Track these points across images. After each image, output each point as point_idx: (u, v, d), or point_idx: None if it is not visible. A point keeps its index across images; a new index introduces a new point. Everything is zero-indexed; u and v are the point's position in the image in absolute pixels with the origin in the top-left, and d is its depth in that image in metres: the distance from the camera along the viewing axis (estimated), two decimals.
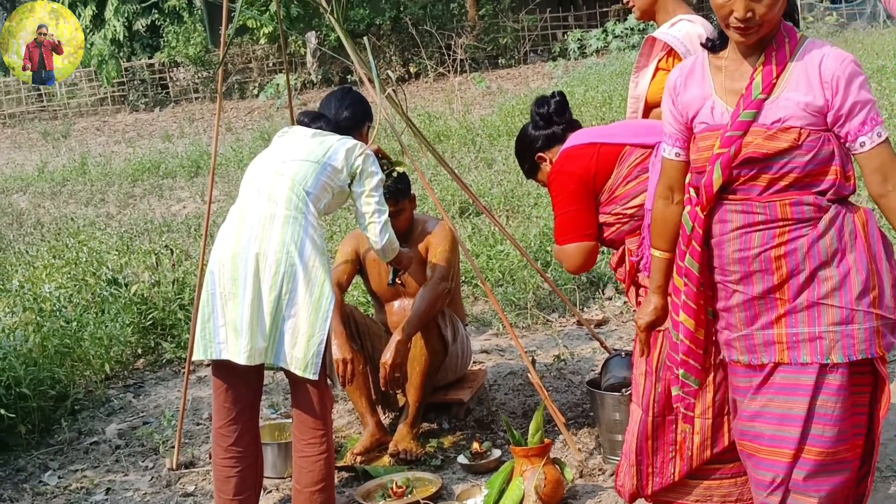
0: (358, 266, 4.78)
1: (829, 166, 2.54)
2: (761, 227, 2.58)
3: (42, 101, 27.60)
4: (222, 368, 3.67)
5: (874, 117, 2.52)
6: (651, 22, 3.95)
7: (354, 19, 22.58)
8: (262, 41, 24.49)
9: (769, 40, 2.58)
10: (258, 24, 23.77)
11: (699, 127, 2.67)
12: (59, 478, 4.68)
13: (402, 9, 23.02)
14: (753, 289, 2.62)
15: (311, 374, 3.57)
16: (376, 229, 3.88)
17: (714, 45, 2.68)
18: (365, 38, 4.60)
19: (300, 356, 3.56)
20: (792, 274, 2.57)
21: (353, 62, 4.41)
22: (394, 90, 4.72)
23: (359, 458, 4.42)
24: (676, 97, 2.74)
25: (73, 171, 15.29)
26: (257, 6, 23.58)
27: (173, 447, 4.72)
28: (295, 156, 3.81)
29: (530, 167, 3.88)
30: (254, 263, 3.56)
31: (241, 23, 24.40)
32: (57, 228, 10.49)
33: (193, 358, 3.76)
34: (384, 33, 22.95)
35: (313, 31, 23.00)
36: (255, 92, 24.31)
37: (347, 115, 4.14)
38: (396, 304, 4.81)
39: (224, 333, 3.59)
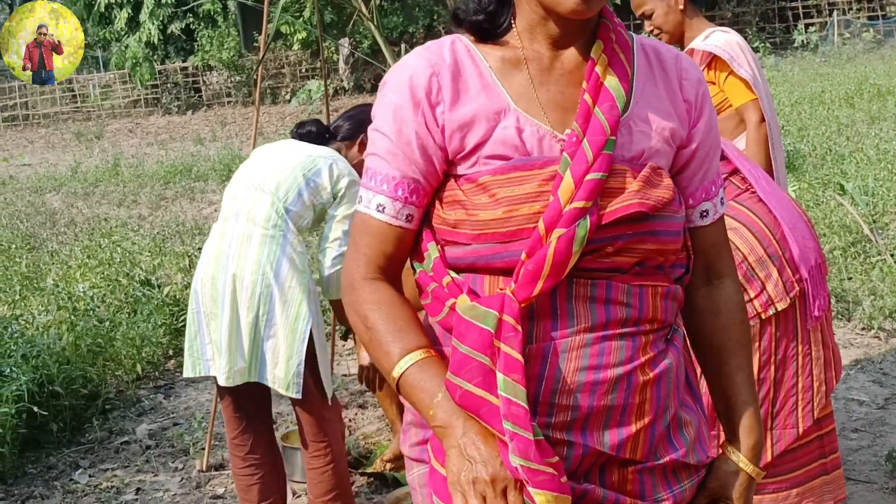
0: None
1: (681, 239, 1.67)
2: (629, 329, 1.59)
3: (76, 102, 27.88)
4: None
5: (720, 174, 1.77)
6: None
7: (388, 27, 22.68)
8: (296, 47, 24.64)
9: (598, 21, 1.65)
10: (291, 29, 23.94)
11: (491, 165, 1.56)
12: (90, 476, 4.71)
13: (435, 17, 23.12)
14: (600, 440, 1.57)
15: (294, 393, 3.49)
16: (331, 254, 3.61)
17: (489, 27, 1.63)
18: (402, 46, 4.60)
19: (281, 376, 3.50)
20: (656, 415, 1.62)
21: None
22: None
23: (388, 465, 4.42)
24: (427, 111, 1.58)
25: (105, 172, 15.42)
26: (291, 12, 23.72)
27: (203, 449, 4.74)
28: (277, 169, 3.62)
29: None
30: (231, 284, 3.48)
31: (275, 28, 24.55)
32: (90, 228, 10.56)
33: (184, 375, 3.70)
34: (417, 41, 22.99)
35: (346, 38, 23.07)
36: (287, 97, 24.45)
37: (344, 124, 3.95)
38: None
39: (210, 351, 3.56)
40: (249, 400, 3.71)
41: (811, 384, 3.10)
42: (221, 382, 3.52)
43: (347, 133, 3.89)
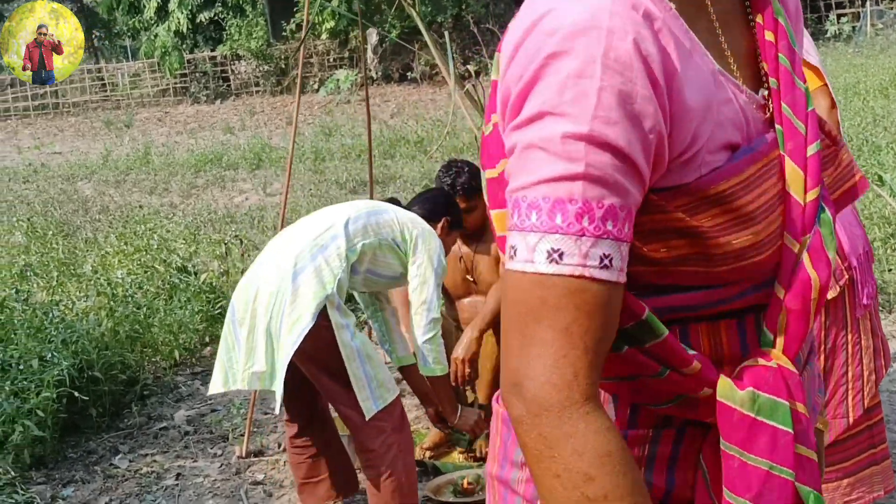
0: None
1: None
2: None
3: (105, 91, 28.02)
4: None
5: None
6: None
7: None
8: (324, 36, 24.64)
9: None
10: (320, 19, 23.93)
11: (717, 161, 1.07)
12: (130, 461, 4.73)
13: (463, 6, 23.03)
14: None
15: (276, 407, 3.46)
16: (422, 321, 3.62)
17: None
18: (446, 33, 4.59)
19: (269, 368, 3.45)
20: None
21: (433, 56, 4.39)
22: (472, 85, 4.69)
23: (428, 454, 4.42)
24: (663, 93, 1.01)
25: (136, 161, 15.51)
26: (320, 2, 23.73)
27: (242, 435, 4.75)
28: (353, 206, 3.73)
29: None
30: (255, 290, 3.49)
31: (303, 17, 24.51)
32: (123, 216, 10.62)
33: (217, 390, 3.61)
34: (445, 30, 22.92)
35: (374, 28, 23.07)
36: (316, 87, 24.48)
37: (420, 208, 3.95)
38: (468, 300, 4.79)
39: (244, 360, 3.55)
40: (297, 389, 3.71)
41: (861, 373, 3.08)
42: (238, 386, 3.50)
43: (425, 216, 3.88)
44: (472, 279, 4.68)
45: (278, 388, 3.40)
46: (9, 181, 14.92)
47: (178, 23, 25.59)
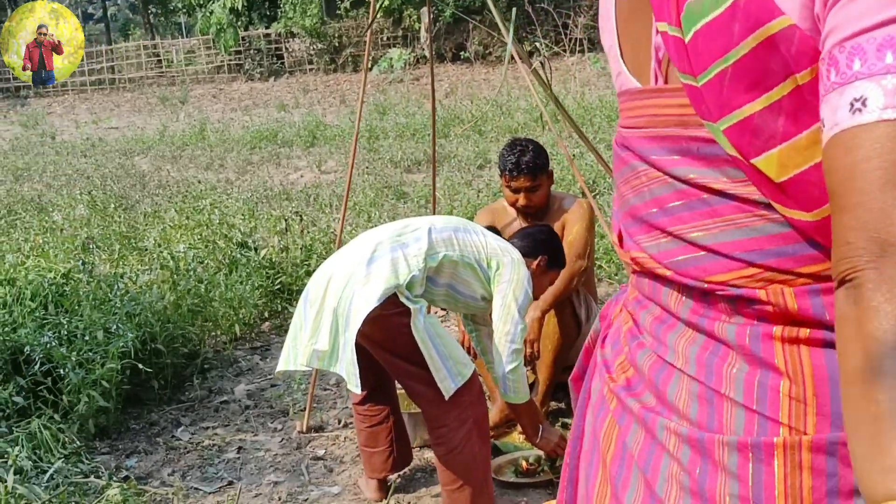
0: None
1: None
2: None
3: (160, 67, 28.26)
4: None
5: None
6: None
7: None
8: (378, 15, 24.60)
9: None
10: None
11: None
12: (191, 434, 4.77)
13: None
14: None
15: (354, 387, 3.39)
16: (506, 349, 3.54)
17: None
18: (513, 10, 4.53)
19: (344, 366, 3.43)
20: None
21: (503, 34, 4.34)
22: (541, 62, 4.64)
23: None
24: None
25: (192, 137, 15.63)
26: None
27: (302, 410, 4.78)
28: (443, 218, 3.77)
29: None
30: (330, 274, 3.50)
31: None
32: (181, 191, 10.71)
33: (280, 368, 3.62)
34: (501, 10, 22.80)
35: (426, 7, 22.99)
36: (369, 66, 24.48)
37: (519, 242, 3.89)
38: None
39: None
40: (367, 363, 3.69)
41: None
42: (300, 362, 3.50)
43: (523, 252, 3.81)
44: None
45: (345, 369, 3.39)
46: (67, 155, 15.12)
47: (234, 0, 25.70)
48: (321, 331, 3.46)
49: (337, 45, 25.64)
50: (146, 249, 6.70)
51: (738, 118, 1.02)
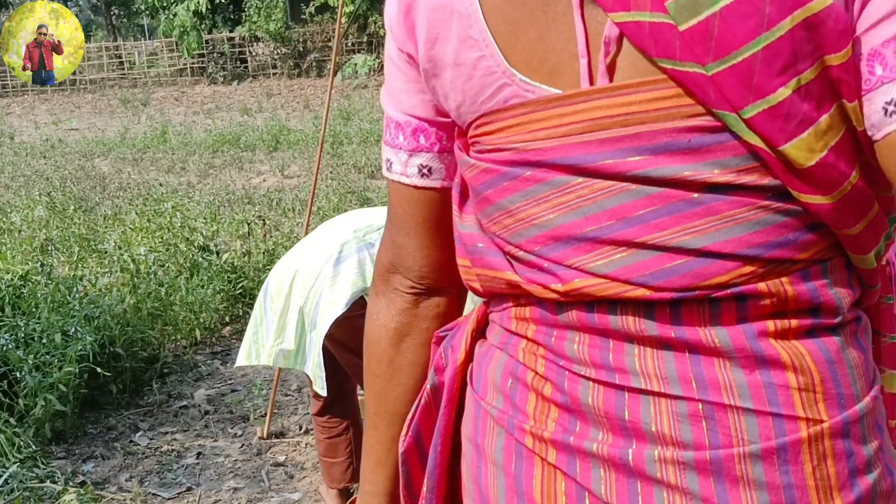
0: None
1: None
2: None
3: (122, 69, 28.03)
4: None
5: None
6: None
7: None
8: (342, 20, 24.58)
9: None
10: (338, 2, 23.86)
11: None
12: (150, 439, 4.71)
13: None
14: None
15: (319, 389, 3.42)
16: None
17: None
18: None
19: (311, 368, 3.48)
20: None
21: None
22: None
23: None
24: None
25: (154, 139, 15.49)
26: None
27: (263, 416, 4.74)
28: None
29: None
30: (294, 271, 3.50)
31: (322, 1, 24.57)
32: (142, 194, 10.61)
33: (241, 363, 3.70)
34: None
35: None
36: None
37: None
38: None
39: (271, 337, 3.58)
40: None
41: None
42: (263, 362, 3.52)
43: None
44: None
45: (311, 370, 3.37)
46: (26, 156, 14.93)
47: (198, 3, 25.57)
48: (287, 330, 3.45)
49: (301, 49, 25.57)
50: (106, 252, 6.61)
51: (768, 104, 0.97)
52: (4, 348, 4.55)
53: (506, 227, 1.13)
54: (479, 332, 1.27)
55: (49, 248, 6.49)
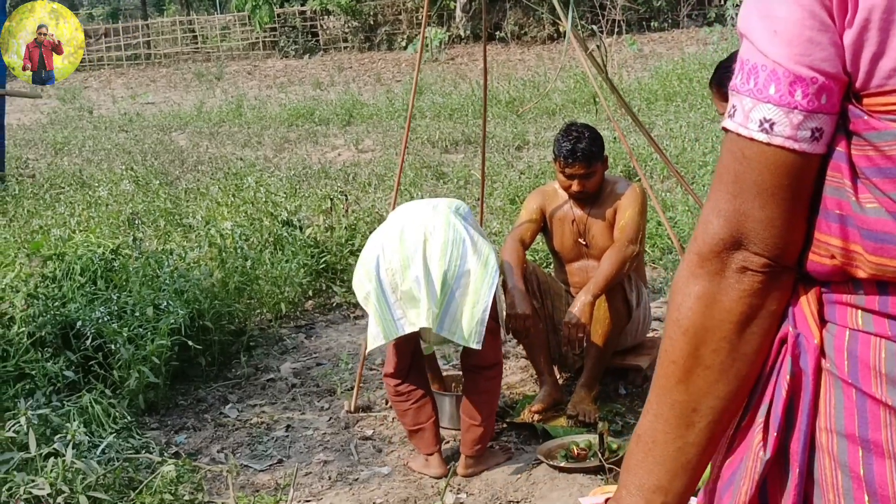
0: (542, 224, 4.72)
1: None
2: None
3: (195, 43, 28.31)
4: None
5: None
6: None
7: None
8: None
9: None
10: None
11: None
12: (239, 411, 4.79)
13: None
14: None
15: (475, 343, 3.69)
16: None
17: None
18: None
19: (465, 325, 3.67)
20: None
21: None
22: (598, 45, 4.61)
23: (536, 416, 4.40)
24: None
25: (229, 113, 15.66)
26: None
27: (349, 390, 4.79)
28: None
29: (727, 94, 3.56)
30: (422, 238, 3.68)
31: None
32: (220, 168, 10.74)
33: (379, 343, 3.76)
34: None
35: None
36: (403, 44, 24.43)
37: None
38: (578, 264, 4.74)
39: (399, 310, 3.69)
40: (406, 342, 3.91)
41: None
42: (425, 325, 3.64)
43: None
44: (584, 243, 4.63)
45: (470, 327, 3.67)
46: (105, 129, 15.19)
47: None
48: (435, 295, 3.63)
49: (372, 23, 25.59)
50: (191, 227, 6.71)
51: None
52: (100, 321, 4.65)
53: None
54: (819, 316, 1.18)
55: (136, 222, 6.60)
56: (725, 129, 1.15)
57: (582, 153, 4.37)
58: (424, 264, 3.62)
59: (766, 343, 1.20)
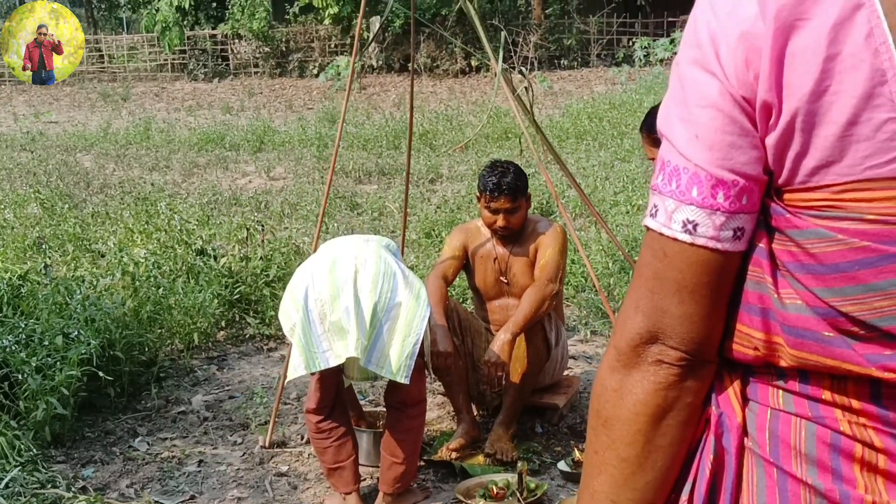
0: (465, 261, 4.73)
1: None
2: None
3: (101, 63, 27.81)
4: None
5: None
6: None
7: (421, 7, 22.55)
8: (327, 21, 24.53)
9: None
10: (323, 3, 23.81)
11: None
12: (149, 444, 4.67)
13: (469, 0, 22.98)
14: None
15: (403, 378, 3.65)
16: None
17: None
18: (503, 34, 4.53)
19: (394, 357, 3.63)
20: None
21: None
22: (526, 88, 4.65)
23: (454, 454, 4.38)
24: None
25: (136, 136, 15.36)
26: None
27: (263, 424, 4.71)
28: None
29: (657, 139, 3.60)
30: (353, 270, 3.64)
31: (307, 1, 24.48)
32: (128, 191, 10.52)
33: (300, 374, 3.68)
34: (450, 24, 22.89)
35: (378, 16, 22.98)
36: (315, 72, 24.37)
37: None
38: (498, 302, 4.76)
39: (326, 341, 3.62)
40: (333, 375, 3.87)
41: None
42: (353, 354, 3.56)
43: None
44: (505, 280, 4.66)
45: (398, 360, 3.62)
46: (7, 148, 14.77)
47: None
48: (364, 327, 3.59)
49: (284, 49, 25.48)
50: (101, 253, 6.55)
51: None
52: (6, 349, 4.50)
53: (875, 310, 1.03)
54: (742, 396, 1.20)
55: (43, 247, 6.41)
56: (647, 227, 1.16)
57: (507, 187, 4.41)
58: (355, 295, 3.57)
59: (684, 435, 1.21)
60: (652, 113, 3.55)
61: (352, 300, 3.56)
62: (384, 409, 4.54)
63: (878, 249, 1.01)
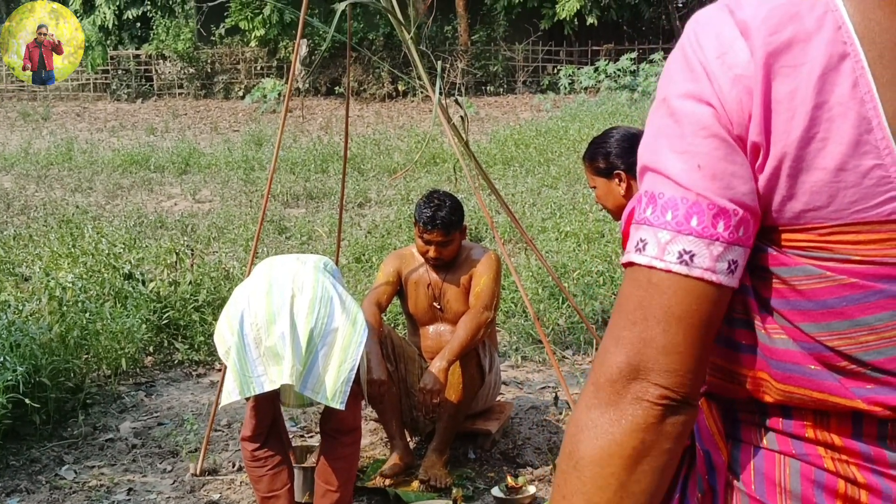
0: (399, 287, 4.75)
1: None
2: None
3: (21, 81, 27.24)
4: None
5: None
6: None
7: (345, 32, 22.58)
8: (253, 44, 24.38)
9: None
10: (250, 25, 23.68)
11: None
12: (76, 473, 4.58)
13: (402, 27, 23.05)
14: None
15: (339, 404, 3.61)
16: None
17: None
18: (439, 63, 4.56)
19: (330, 383, 3.60)
20: None
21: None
22: (462, 117, 4.69)
23: (387, 481, 4.38)
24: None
25: (58, 156, 15.08)
26: (252, 8, 23.49)
27: (193, 451, 4.66)
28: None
29: (604, 169, 3.56)
30: (289, 294, 3.62)
31: (233, 23, 24.34)
32: (50, 213, 10.32)
33: (234, 398, 3.63)
34: (377, 49, 22.93)
35: (305, 39, 22.93)
36: (241, 94, 24.19)
37: None
38: (432, 328, 4.78)
39: (261, 366, 3.59)
40: (269, 401, 3.83)
41: None
42: (288, 381, 3.54)
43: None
44: (438, 307, 4.68)
45: (334, 386, 3.58)
46: None
47: (105, 18, 25.10)
48: (300, 353, 3.55)
49: (209, 70, 25.26)
50: (24, 276, 6.41)
51: None
52: None
53: (861, 344, 1.07)
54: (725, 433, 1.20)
55: None
56: (631, 264, 1.15)
57: (441, 221, 4.44)
58: (291, 320, 3.54)
59: (661, 483, 1.15)
60: (594, 143, 3.61)
61: (287, 325, 3.53)
62: (313, 445, 4.53)
63: (865, 286, 1.05)
